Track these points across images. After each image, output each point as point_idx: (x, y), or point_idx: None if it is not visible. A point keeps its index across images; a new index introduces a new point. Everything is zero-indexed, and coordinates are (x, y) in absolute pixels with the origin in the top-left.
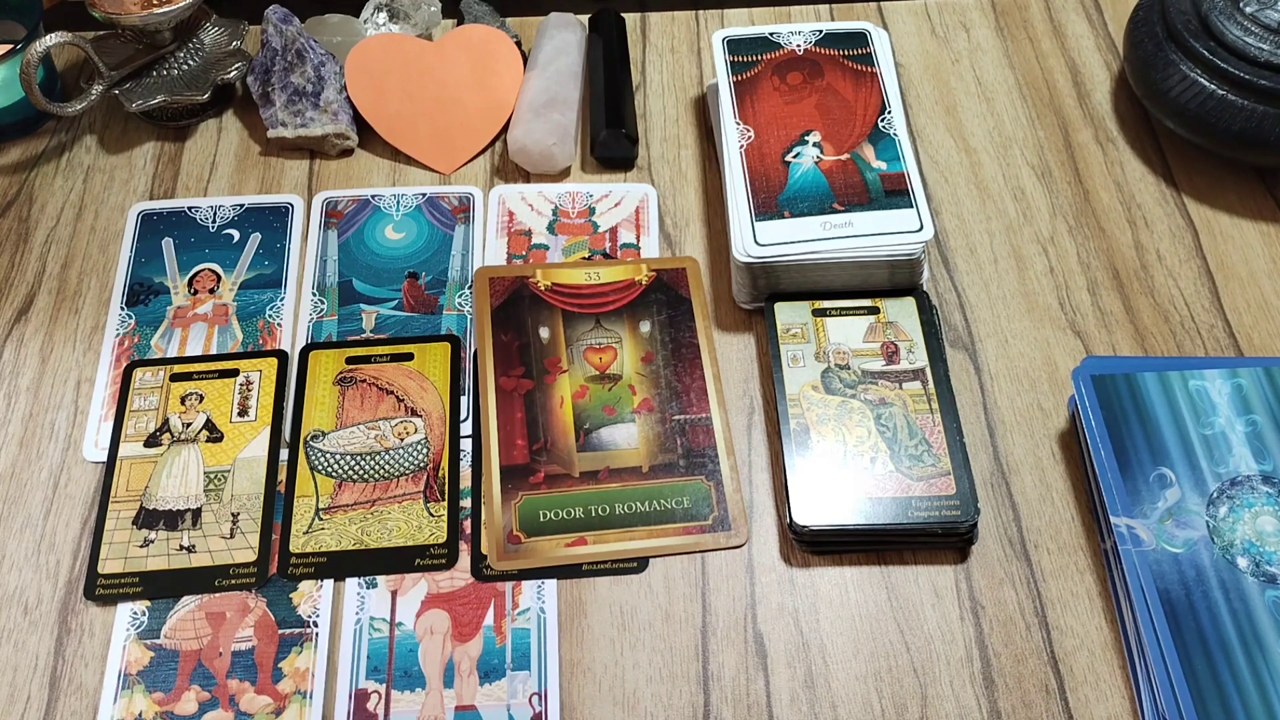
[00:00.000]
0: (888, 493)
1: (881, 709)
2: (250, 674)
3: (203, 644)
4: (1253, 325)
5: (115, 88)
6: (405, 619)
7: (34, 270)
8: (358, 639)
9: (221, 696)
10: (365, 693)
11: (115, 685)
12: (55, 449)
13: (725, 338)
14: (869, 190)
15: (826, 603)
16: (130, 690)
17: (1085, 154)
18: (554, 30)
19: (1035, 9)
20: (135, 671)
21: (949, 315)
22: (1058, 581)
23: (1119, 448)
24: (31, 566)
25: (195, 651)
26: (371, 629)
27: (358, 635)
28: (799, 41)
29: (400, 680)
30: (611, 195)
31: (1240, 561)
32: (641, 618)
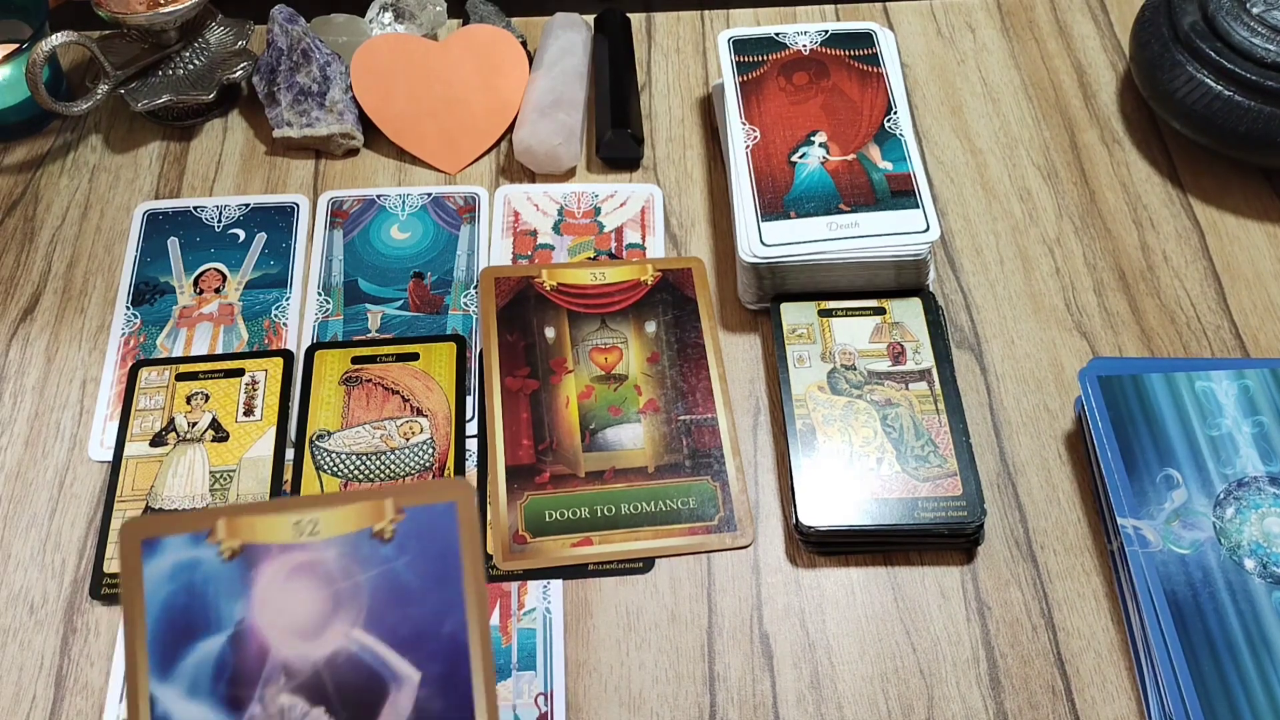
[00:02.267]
0: (894, 493)
1: (888, 709)
2: None
3: None
4: (1259, 326)
5: (121, 87)
6: None
7: (39, 270)
8: None
9: None
10: None
11: (121, 685)
12: (61, 448)
13: (731, 338)
14: (875, 191)
15: (832, 603)
16: None
17: (1091, 155)
18: (559, 30)
19: (1041, 10)
20: None
21: (955, 316)
22: (1064, 582)
23: (1125, 449)
24: (37, 566)
25: None
26: None
27: None
28: (805, 42)
29: None
30: (617, 195)
31: (1247, 563)
32: (647, 618)
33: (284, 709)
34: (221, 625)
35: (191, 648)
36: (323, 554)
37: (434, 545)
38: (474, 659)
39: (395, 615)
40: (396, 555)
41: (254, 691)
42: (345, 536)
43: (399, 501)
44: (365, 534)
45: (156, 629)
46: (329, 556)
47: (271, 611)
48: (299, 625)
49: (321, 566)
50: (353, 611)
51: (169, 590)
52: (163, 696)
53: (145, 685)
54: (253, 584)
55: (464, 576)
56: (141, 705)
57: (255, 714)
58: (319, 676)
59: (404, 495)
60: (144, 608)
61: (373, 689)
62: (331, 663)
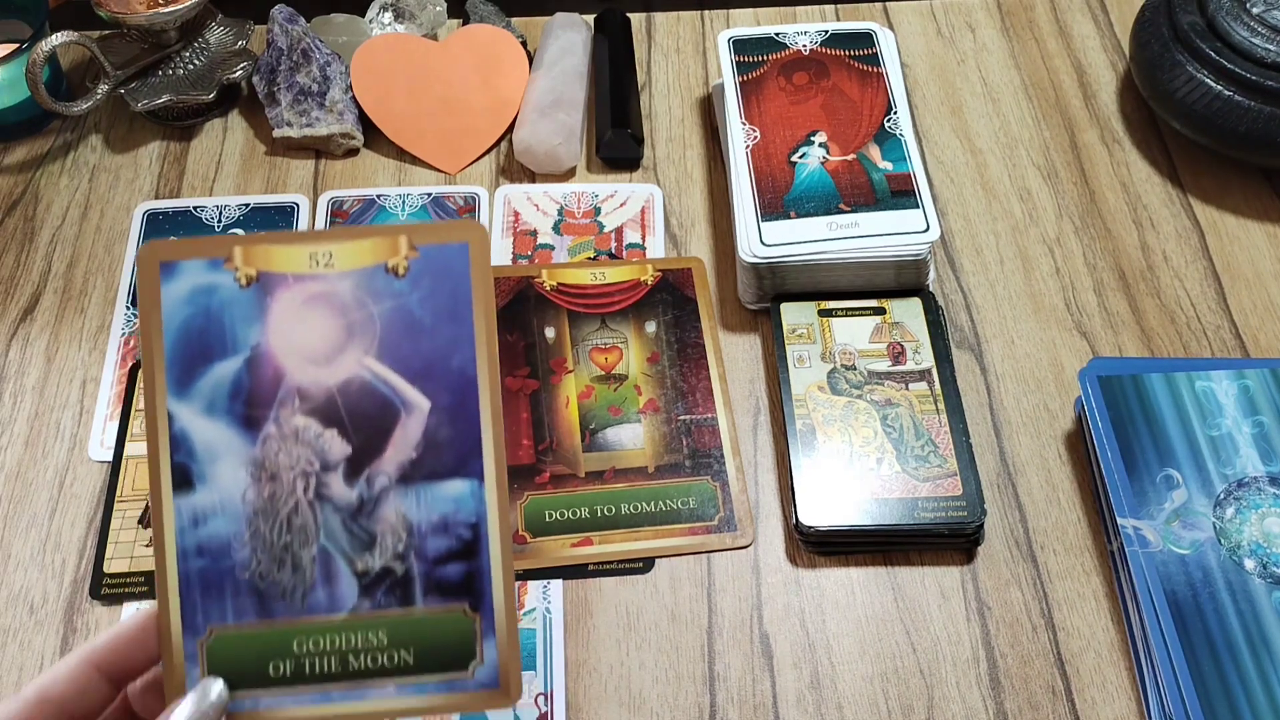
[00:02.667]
0: (894, 493)
1: (888, 709)
2: None
3: None
4: (1259, 326)
5: (121, 87)
6: None
7: (39, 270)
8: None
9: None
10: None
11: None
12: (61, 448)
13: (731, 338)
14: (875, 191)
15: (832, 603)
16: None
17: (1091, 155)
18: (559, 30)
19: (1041, 9)
20: None
21: (955, 316)
22: (1064, 583)
23: (1125, 449)
24: (37, 566)
25: None
26: None
27: None
28: (805, 42)
29: None
30: (617, 195)
31: (1247, 563)
32: (647, 618)
33: (298, 430)
34: (237, 349)
35: (208, 369)
36: (337, 285)
37: (446, 283)
38: (482, 392)
39: (406, 347)
40: (409, 290)
41: (269, 412)
42: (360, 270)
43: (414, 239)
44: (380, 269)
45: (174, 350)
46: (343, 288)
47: (286, 338)
48: (313, 352)
49: (336, 297)
50: (365, 341)
51: (187, 313)
52: (180, 413)
53: (163, 402)
54: (268, 311)
55: (474, 314)
56: (160, 421)
57: (270, 434)
58: (332, 401)
59: (419, 234)
60: (162, 329)
61: (384, 415)
62: (345, 389)
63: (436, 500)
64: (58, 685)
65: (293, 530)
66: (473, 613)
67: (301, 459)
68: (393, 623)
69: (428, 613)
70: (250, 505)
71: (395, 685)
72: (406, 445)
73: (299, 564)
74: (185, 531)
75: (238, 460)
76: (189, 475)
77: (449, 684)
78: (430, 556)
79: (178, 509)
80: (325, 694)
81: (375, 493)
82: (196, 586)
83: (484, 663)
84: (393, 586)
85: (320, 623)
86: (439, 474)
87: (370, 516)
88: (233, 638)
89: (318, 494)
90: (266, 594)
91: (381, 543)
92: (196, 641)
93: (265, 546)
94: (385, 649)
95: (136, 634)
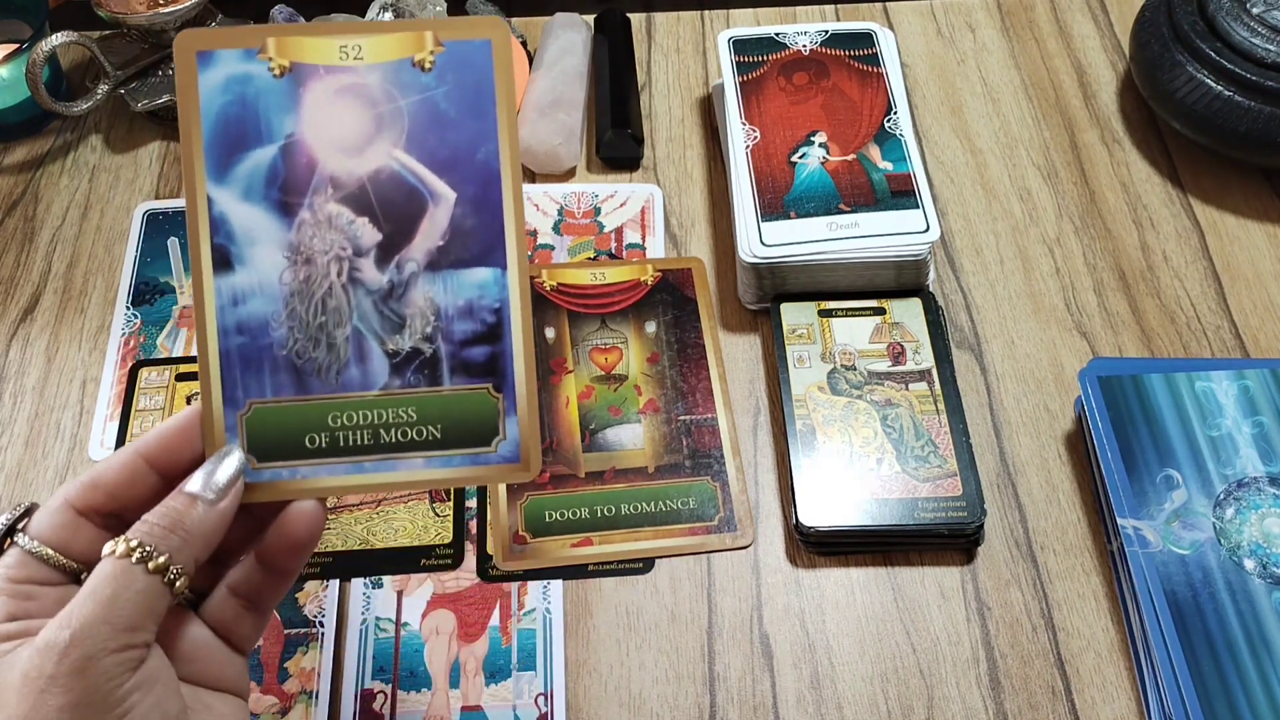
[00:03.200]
0: (894, 494)
1: (888, 710)
2: (256, 674)
3: None
4: (1259, 326)
5: (121, 87)
6: (411, 619)
7: (39, 270)
8: (363, 639)
9: None
10: (371, 693)
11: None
12: (61, 449)
13: (731, 338)
14: (875, 191)
15: (832, 604)
16: None
17: (1091, 155)
18: (559, 30)
19: (1041, 9)
20: None
21: (955, 316)
22: (1064, 583)
23: (1125, 449)
24: None
25: None
26: (377, 629)
27: (363, 635)
28: (805, 42)
29: (406, 680)
30: (617, 195)
31: (1247, 563)
32: (647, 618)
33: (331, 216)
34: (273, 137)
35: (245, 155)
36: (366, 78)
37: (470, 78)
38: (505, 184)
39: (433, 140)
40: (435, 84)
41: (304, 199)
42: (388, 64)
43: (439, 34)
44: (406, 63)
45: (212, 136)
46: (372, 80)
47: (319, 127)
48: (345, 142)
49: (365, 89)
50: (394, 133)
51: (223, 101)
52: (219, 198)
53: (202, 187)
54: (301, 101)
55: (497, 109)
56: (200, 204)
57: (305, 219)
58: (364, 189)
59: (443, 29)
60: (199, 116)
61: (412, 204)
62: (375, 178)
63: (462, 286)
64: (110, 473)
65: (327, 311)
66: (496, 393)
67: (335, 244)
68: (422, 400)
69: (454, 392)
70: (287, 286)
71: (424, 458)
72: (434, 233)
73: (333, 343)
74: (225, 310)
75: (274, 244)
76: (228, 256)
77: (473, 458)
78: (456, 339)
79: (218, 288)
80: (358, 465)
81: (405, 278)
82: (236, 362)
83: (506, 438)
84: (421, 366)
85: (354, 399)
86: (465, 261)
87: (400, 300)
88: (271, 411)
89: (350, 278)
90: (303, 371)
91: (411, 325)
92: (236, 414)
93: (302, 326)
94: (415, 424)
95: (184, 429)
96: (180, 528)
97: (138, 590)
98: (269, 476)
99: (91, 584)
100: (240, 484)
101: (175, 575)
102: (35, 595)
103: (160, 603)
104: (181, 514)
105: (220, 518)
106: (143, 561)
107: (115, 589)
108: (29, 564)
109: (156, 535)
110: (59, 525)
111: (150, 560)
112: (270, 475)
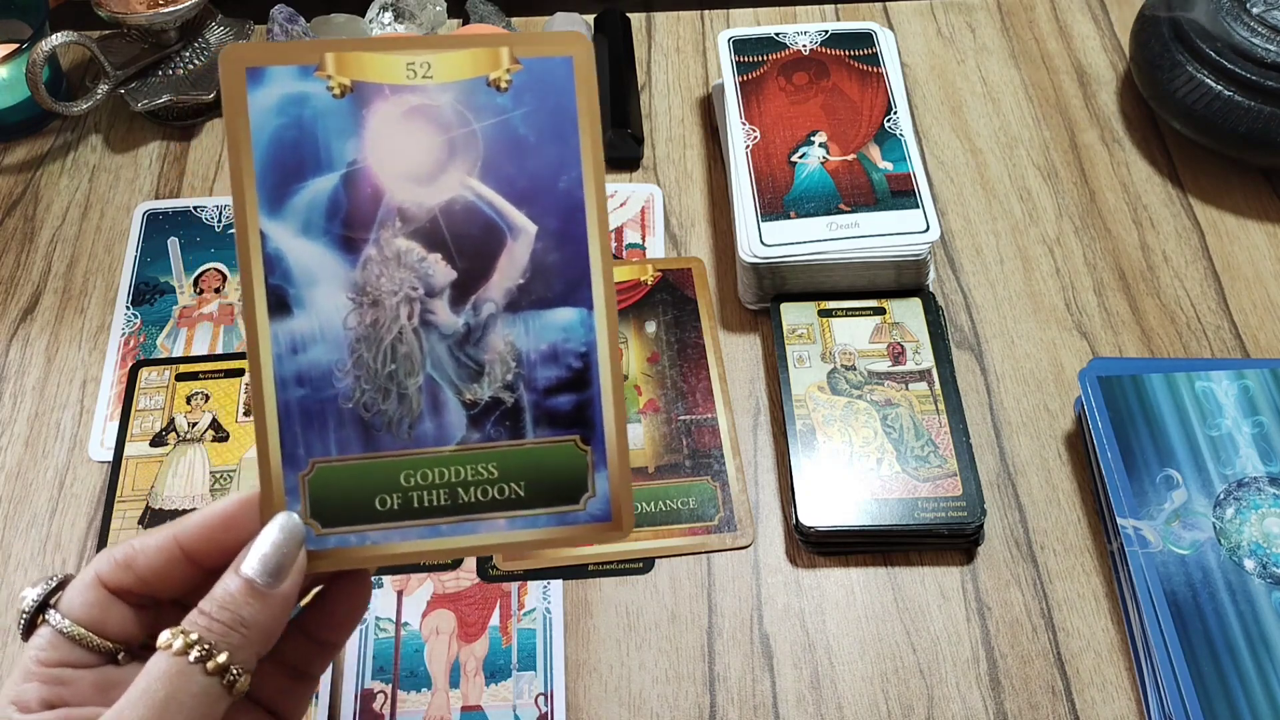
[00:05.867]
0: (894, 494)
1: (888, 710)
2: None
3: None
4: (1259, 326)
5: (121, 87)
6: (411, 619)
7: (40, 269)
8: (363, 639)
9: None
10: (371, 693)
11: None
12: (61, 448)
13: (731, 338)
14: (875, 191)
15: (832, 604)
16: None
17: (1091, 155)
18: (559, 30)
19: (1041, 9)
20: None
21: (955, 316)
22: (1064, 583)
23: (1125, 449)
24: (37, 566)
25: None
26: (377, 629)
27: (363, 635)
28: (805, 42)
29: (406, 680)
30: (617, 195)
31: (1247, 563)
32: (647, 618)
33: (400, 252)
34: (333, 164)
35: (303, 185)
36: (437, 98)
37: (550, 99)
38: (589, 216)
39: (511, 167)
40: (513, 106)
41: (369, 234)
42: (460, 83)
43: (516, 51)
44: (481, 82)
45: (265, 164)
46: (444, 101)
47: (385, 154)
48: (414, 170)
49: (436, 111)
50: (468, 160)
51: (278, 124)
52: (274, 233)
53: (255, 221)
54: (365, 124)
55: (580, 132)
56: (252, 240)
57: (370, 256)
58: (436, 223)
59: (521, 45)
60: (250, 140)
61: (489, 238)
62: (448, 210)
63: (545, 329)
64: (144, 558)
65: (397, 358)
66: (584, 445)
67: (405, 283)
68: (503, 455)
69: (538, 444)
70: (352, 332)
71: (505, 519)
72: (513, 271)
73: (405, 393)
74: (283, 359)
75: (337, 284)
76: (285, 299)
77: (560, 517)
78: (540, 387)
79: (274, 335)
80: (434, 528)
81: (482, 320)
82: (296, 417)
83: (596, 495)
84: (503, 417)
85: (429, 455)
86: (547, 301)
87: (478, 345)
88: (336, 471)
89: (422, 321)
90: (371, 425)
91: (490, 372)
92: (297, 475)
93: (369, 375)
94: (495, 482)
95: (229, 520)
96: (241, 623)
97: (194, 693)
98: (334, 543)
99: (144, 683)
100: (303, 560)
101: (236, 675)
102: (70, 680)
103: (219, 706)
104: (240, 605)
105: (284, 603)
106: (201, 661)
107: (170, 690)
108: (62, 645)
109: (216, 631)
110: (92, 603)
111: (210, 659)
112: (336, 542)
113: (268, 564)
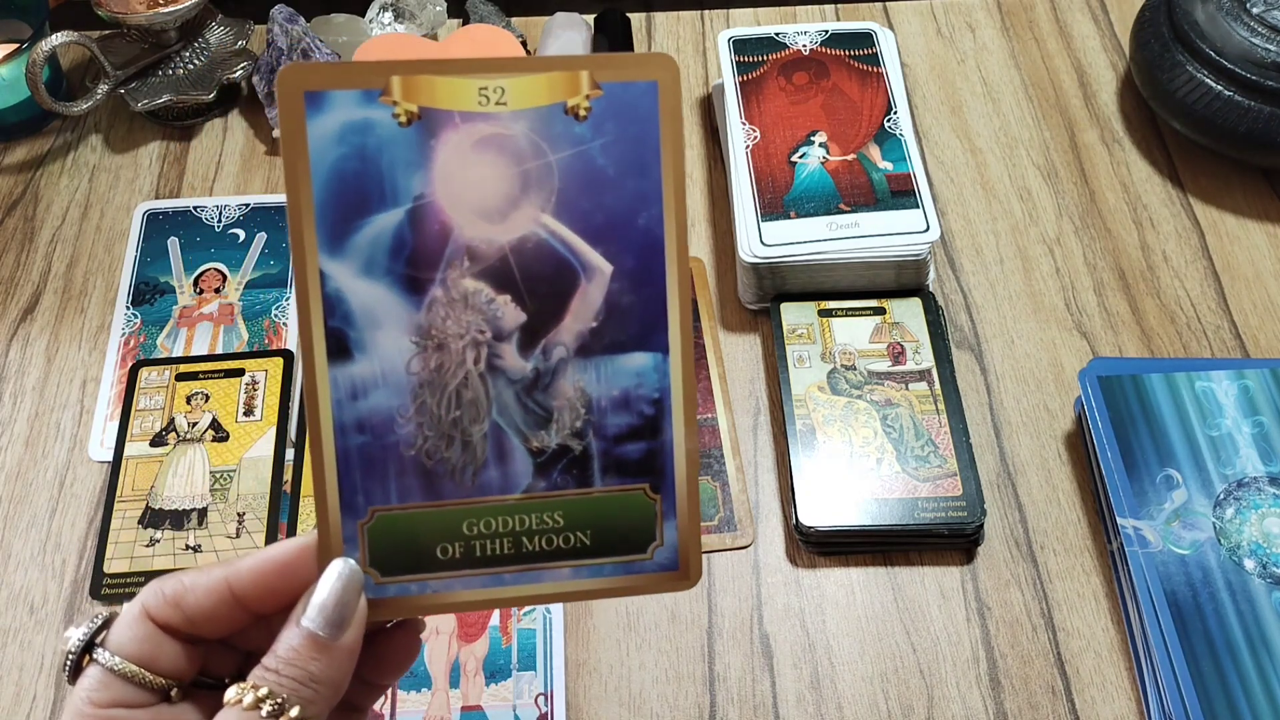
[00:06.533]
0: (894, 494)
1: (888, 710)
2: None
3: None
4: (1259, 326)
5: (121, 87)
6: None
7: (40, 269)
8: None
9: None
10: None
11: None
12: (61, 448)
13: (731, 338)
14: (875, 191)
15: (832, 604)
16: None
17: (1091, 155)
18: (559, 30)
19: (1041, 9)
20: None
21: (955, 316)
22: (1064, 583)
23: (1125, 449)
24: (37, 566)
25: None
26: None
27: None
28: (805, 41)
29: (406, 680)
30: None
31: (1247, 563)
32: (647, 618)
33: (468, 294)
34: (399, 199)
35: (366, 221)
36: (511, 127)
37: (632, 128)
38: (669, 256)
39: (588, 202)
40: (592, 136)
41: (435, 274)
42: (536, 110)
43: (596, 75)
44: (558, 109)
45: (325, 198)
46: (518, 130)
47: (454, 187)
48: (484, 205)
49: (509, 141)
50: (543, 195)
51: (339, 154)
52: (334, 272)
53: (314, 259)
54: (433, 155)
55: (662, 166)
56: (311, 280)
57: (436, 297)
58: (506, 262)
59: (602, 69)
60: (309, 172)
61: (562, 279)
62: (519, 248)
63: (618, 374)
64: (193, 598)
65: (462, 404)
66: (654, 494)
67: (472, 327)
68: (570, 504)
69: (606, 493)
70: (416, 377)
71: (571, 568)
72: (586, 313)
73: (469, 441)
74: (343, 405)
75: (400, 327)
76: (346, 343)
77: (627, 566)
78: (610, 434)
79: (334, 380)
80: (498, 577)
81: (552, 365)
82: (357, 464)
83: (664, 544)
84: (570, 465)
85: (493, 504)
86: (621, 345)
87: (546, 391)
88: (397, 519)
89: (489, 365)
90: (434, 473)
91: (559, 419)
92: (357, 523)
93: (432, 422)
94: (561, 530)
95: (285, 567)
96: (311, 679)
97: None
98: (394, 592)
99: None
100: (363, 609)
101: None
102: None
103: None
104: (307, 660)
105: (349, 655)
106: (274, 716)
107: None
108: (114, 684)
109: (287, 686)
110: (141, 639)
111: (282, 715)
112: (396, 591)
113: (328, 614)
